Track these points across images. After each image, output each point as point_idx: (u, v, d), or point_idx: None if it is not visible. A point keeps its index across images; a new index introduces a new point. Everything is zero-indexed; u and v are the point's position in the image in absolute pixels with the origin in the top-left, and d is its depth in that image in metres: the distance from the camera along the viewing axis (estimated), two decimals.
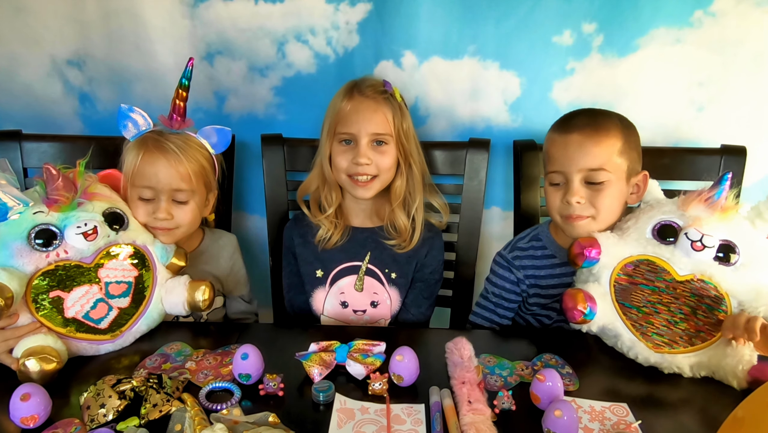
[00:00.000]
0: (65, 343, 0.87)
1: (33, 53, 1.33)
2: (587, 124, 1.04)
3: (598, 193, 1.02)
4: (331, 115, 1.14)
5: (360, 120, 1.11)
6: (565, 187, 1.05)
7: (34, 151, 1.28)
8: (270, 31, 1.30)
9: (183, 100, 1.07)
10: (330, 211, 1.18)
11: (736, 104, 1.31)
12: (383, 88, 1.14)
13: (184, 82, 1.07)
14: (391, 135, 1.13)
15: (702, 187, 0.97)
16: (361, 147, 1.11)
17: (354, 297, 1.18)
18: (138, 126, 1.06)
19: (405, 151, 1.16)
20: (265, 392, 0.81)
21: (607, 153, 1.02)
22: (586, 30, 1.27)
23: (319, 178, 1.20)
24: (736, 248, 0.93)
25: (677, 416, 0.80)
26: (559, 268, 1.13)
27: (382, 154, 1.13)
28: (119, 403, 0.75)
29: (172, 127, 1.07)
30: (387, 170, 1.15)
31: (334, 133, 1.14)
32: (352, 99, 1.12)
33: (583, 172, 1.03)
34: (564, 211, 1.05)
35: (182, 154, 1.03)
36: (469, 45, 1.29)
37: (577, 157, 1.02)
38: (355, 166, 1.12)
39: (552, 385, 0.78)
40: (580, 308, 0.92)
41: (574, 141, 1.03)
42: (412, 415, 0.78)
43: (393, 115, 1.13)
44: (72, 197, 0.91)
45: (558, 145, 1.06)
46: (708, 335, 0.92)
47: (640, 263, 0.97)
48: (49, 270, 0.89)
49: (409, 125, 1.17)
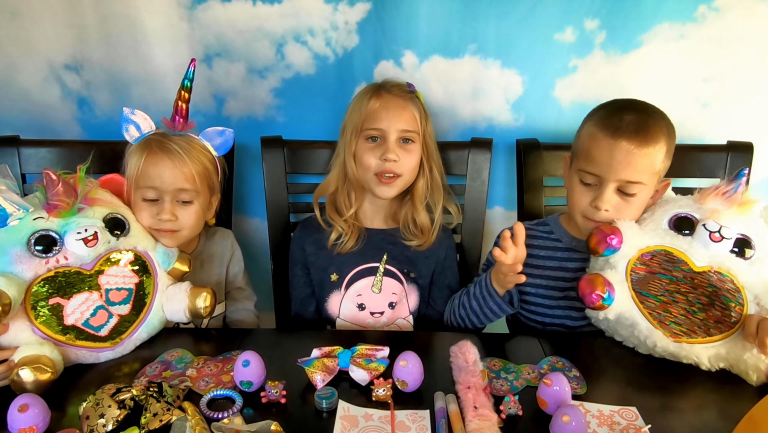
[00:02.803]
0: (63, 351, 0.86)
1: (30, 58, 1.32)
2: (637, 130, 0.98)
3: (628, 203, 1.01)
4: (357, 114, 1.14)
5: (390, 116, 1.12)
6: (596, 191, 1.02)
7: (32, 156, 1.27)
8: (268, 33, 1.28)
9: (185, 101, 1.06)
10: (349, 214, 1.18)
11: (742, 100, 1.30)
12: (408, 89, 1.17)
13: (187, 84, 1.06)
14: (418, 133, 1.15)
15: (713, 184, 0.97)
16: (389, 143, 1.12)
17: (372, 299, 1.17)
18: (141, 129, 1.05)
19: (428, 152, 1.18)
20: (267, 400, 0.80)
21: (650, 165, 0.99)
22: (589, 27, 1.25)
23: (339, 180, 1.19)
24: (752, 242, 0.93)
25: (688, 420, 0.78)
26: (562, 252, 1.12)
27: (408, 153, 1.14)
28: (119, 413, 0.74)
29: (175, 129, 1.07)
30: (411, 170, 1.16)
31: (360, 130, 1.14)
32: (380, 97, 1.14)
33: (620, 183, 1.00)
34: (589, 213, 1.03)
35: (186, 155, 1.03)
36: (470, 43, 1.28)
37: (621, 168, 0.98)
38: (383, 162, 1.12)
39: (559, 389, 0.76)
40: (598, 292, 0.90)
41: (622, 149, 0.98)
42: (417, 421, 0.77)
43: (419, 115, 1.15)
44: (72, 203, 0.90)
45: (602, 148, 1.00)
46: (726, 327, 0.91)
47: (658, 253, 0.96)
48: (49, 277, 0.88)
49: (432, 129, 1.19)
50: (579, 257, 1.10)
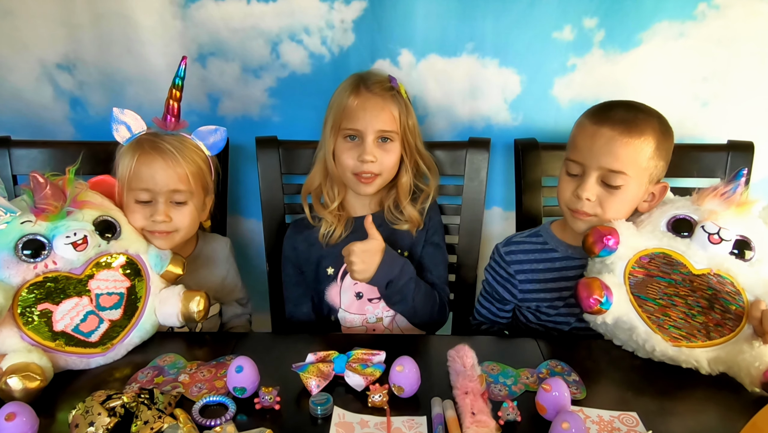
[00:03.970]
0: (53, 357, 0.84)
1: (22, 57, 1.30)
2: (622, 120, 0.98)
3: (610, 195, 0.99)
4: (336, 110, 1.13)
5: (367, 117, 1.10)
6: (579, 181, 1.01)
7: (24, 158, 1.25)
8: (263, 31, 1.27)
9: (177, 100, 1.05)
10: (333, 206, 1.18)
11: (742, 99, 1.29)
12: (390, 85, 1.14)
13: (178, 82, 1.04)
14: (396, 132, 1.13)
15: (712, 184, 0.96)
16: (367, 144, 1.10)
17: (367, 286, 1.14)
18: (131, 129, 1.03)
19: (410, 147, 1.16)
20: (260, 406, 0.78)
21: (633, 156, 0.97)
22: (587, 25, 1.24)
23: (321, 174, 1.19)
24: (751, 243, 0.92)
25: (689, 425, 0.77)
26: (559, 262, 1.10)
27: (386, 152, 1.13)
28: (109, 421, 0.72)
29: (167, 128, 1.05)
30: (390, 169, 1.15)
31: (338, 128, 1.13)
32: (359, 95, 1.11)
33: (601, 171, 0.99)
34: (572, 204, 1.03)
35: (179, 155, 1.01)
36: (467, 42, 1.26)
37: (601, 154, 0.98)
38: (361, 164, 1.11)
39: (558, 395, 0.75)
40: (596, 296, 0.89)
41: (603, 135, 0.98)
42: (414, 428, 0.75)
43: (399, 112, 1.13)
44: (61, 206, 0.88)
45: (585, 135, 1.01)
46: (726, 330, 0.90)
47: (656, 256, 0.94)
48: (37, 282, 0.86)
49: (414, 122, 1.16)
50: (577, 264, 1.08)
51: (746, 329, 0.90)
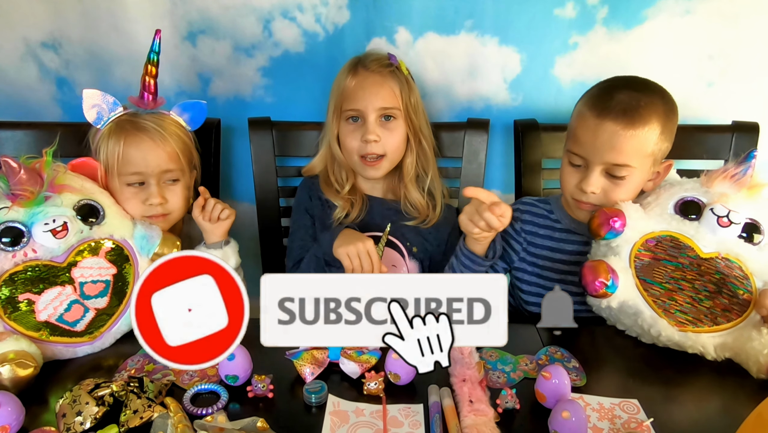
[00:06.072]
0: (39, 347, 0.82)
1: (4, 36, 1.26)
2: (625, 111, 0.94)
3: (616, 186, 0.97)
4: (336, 94, 1.12)
5: (366, 96, 1.08)
6: (583, 172, 0.99)
7: (9, 140, 1.22)
8: (255, 8, 1.23)
9: (153, 76, 1.01)
10: (345, 190, 1.16)
11: (748, 78, 1.26)
12: (388, 62, 1.12)
13: (153, 57, 1.01)
14: (399, 109, 1.11)
15: (720, 166, 0.94)
16: (369, 123, 1.09)
17: None
18: (105, 111, 1.00)
19: (414, 126, 1.14)
20: (253, 394, 0.77)
21: (639, 147, 0.95)
22: (590, 1, 1.20)
23: (326, 159, 1.17)
24: (761, 227, 0.90)
25: (692, 413, 0.76)
26: (560, 233, 1.08)
27: (390, 131, 1.11)
28: (97, 410, 0.70)
29: (145, 107, 1.02)
30: (395, 149, 1.12)
31: (340, 111, 1.11)
32: (356, 75, 1.10)
33: (606, 165, 0.97)
34: (576, 195, 1.01)
35: (165, 132, 0.99)
36: (466, 20, 1.23)
37: (604, 150, 0.95)
38: (365, 144, 1.09)
39: (558, 383, 0.73)
40: (602, 279, 0.87)
41: (607, 130, 0.94)
42: (410, 417, 0.74)
43: (400, 88, 1.11)
44: (38, 191, 0.84)
45: (587, 129, 0.97)
46: (734, 315, 0.88)
47: (663, 239, 0.92)
48: (17, 271, 0.83)
49: (417, 99, 1.14)
50: (578, 239, 1.07)
51: (754, 315, 0.88)
